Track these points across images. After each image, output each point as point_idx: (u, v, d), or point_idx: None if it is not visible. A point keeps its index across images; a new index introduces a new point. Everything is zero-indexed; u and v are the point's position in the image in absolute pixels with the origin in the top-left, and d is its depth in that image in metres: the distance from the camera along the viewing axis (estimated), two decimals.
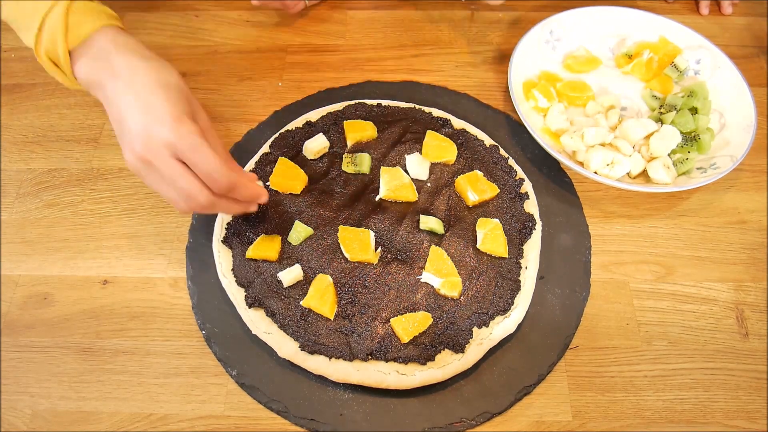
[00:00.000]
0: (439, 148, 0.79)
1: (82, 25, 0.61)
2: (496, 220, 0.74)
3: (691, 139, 0.80)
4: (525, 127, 0.81)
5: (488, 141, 0.82)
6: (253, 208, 0.68)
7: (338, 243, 0.72)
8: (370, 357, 0.65)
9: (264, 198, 0.66)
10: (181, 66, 0.93)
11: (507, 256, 0.72)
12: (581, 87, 0.87)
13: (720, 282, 0.74)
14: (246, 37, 0.97)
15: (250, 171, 0.78)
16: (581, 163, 0.79)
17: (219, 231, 0.74)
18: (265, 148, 0.81)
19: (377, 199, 0.76)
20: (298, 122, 0.83)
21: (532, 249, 0.73)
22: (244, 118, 0.88)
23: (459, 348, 0.65)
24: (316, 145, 0.79)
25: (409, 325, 0.66)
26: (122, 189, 0.81)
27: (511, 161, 0.80)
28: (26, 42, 0.63)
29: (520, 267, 0.71)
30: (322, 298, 0.67)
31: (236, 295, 0.69)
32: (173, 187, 0.58)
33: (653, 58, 0.89)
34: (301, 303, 0.68)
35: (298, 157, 0.80)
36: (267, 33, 0.98)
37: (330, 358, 0.65)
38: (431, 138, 0.80)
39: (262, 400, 0.65)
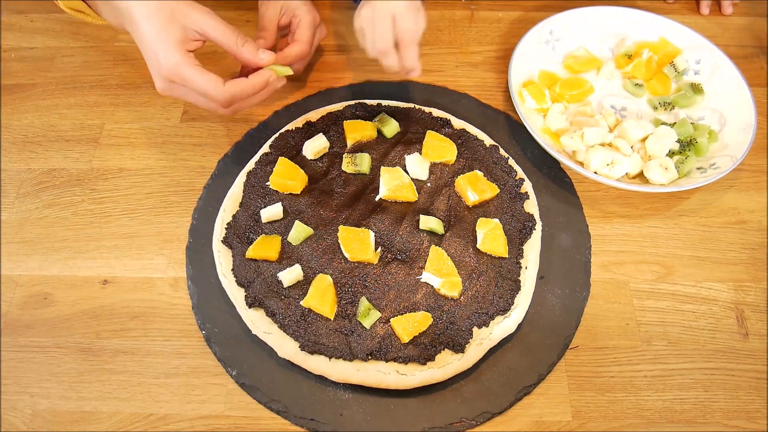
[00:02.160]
0: (439, 148, 0.79)
1: None
2: (496, 220, 0.74)
3: (688, 143, 0.80)
4: (525, 127, 0.81)
5: (488, 141, 0.82)
6: (281, 83, 0.73)
7: (338, 243, 0.72)
8: (370, 357, 0.65)
9: (275, 81, 0.71)
10: None
11: (507, 256, 0.72)
12: (578, 83, 0.87)
13: (720, 282, 0.74)
14: None
15: (249, 171, 0.78)
16: (581, 163, 0.79)
17: (219, 231, 0.74)
18: (265, 148, 0.81)
19: (377, 199, 0.76)
20: (298, 122, 0.83)
21: (532, 249, 0.73)
22: (244, 118, 0.88)
23: (459, 348, 0.65)
24: (316, 145, 0.79)
25: (409, 325, 0.66)
26: (122, 189, 0.81)
27: (511, 161, 0.80)
28: None
29: (520, 267, 0.71)
30: (322, 298, 0.67)
31: (236, 295, 0.69)
32: (199, 96, 0.68)
33: (653, 57, 0.89)
34: (301, 303, 0.68)
35: (298, 157, 0.80)
36: None
37: (330, 358, 0.65)
38: (431, 138, 0.80)
39: (262, 400, 0.65)
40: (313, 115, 0.84)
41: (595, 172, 0.77)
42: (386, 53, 0.74)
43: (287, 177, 0.76)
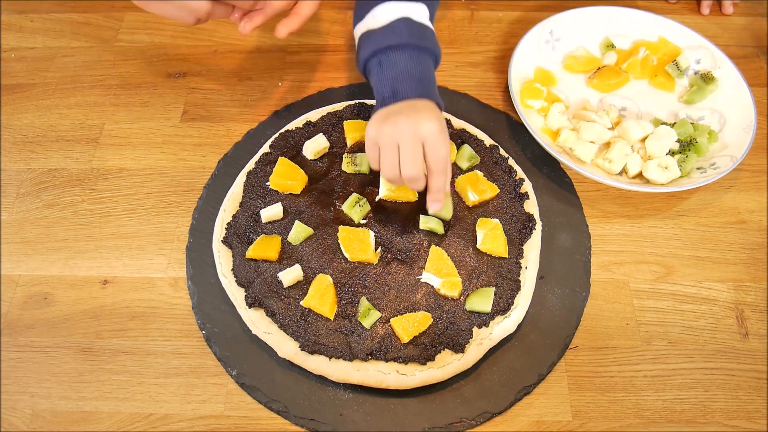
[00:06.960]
0: None
1: None
2: (496, 220, 0.74)
3: (688, 143, 0.80)
4: (525, 127, 0.81)
5: (488, 141, 0.82)
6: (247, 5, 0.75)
7: (338, 243, 0.72)
8: (370, 357, 0.65)
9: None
10: (181, 66, 0.93)
11: (507, 256, 0.72)
12: (616, 72, 0.89)
13: (720, 282, 0.74)
14: (246, 37, 0.97)
15: (249, 171, 0.78)
16: (581, 163, 0.79)
17: (219, 231, 0.74)
18: (265, 148, 0.81)
19: (377, 199, 0.76)
20: (298, 122, 0.83)
21: (532, 249, 0.73)
22: (244, 118, 0.88)
23: (459, 348, 0.65)
24: (316, 145, 0.79)
25: (409, 325, 0.66)
26: (122, 189, 0.81)
27: (511, 161, 0.80)
28: None
29: (520, 267, 0.71)
30: (322, 298, 0.67)
31: (236, 295, 0.69)
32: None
33: (649, 56, 0.89)
34: (301, 303, 0.68)
35: (298, 157, 0.80)
36: (267, 33, 0.98)
37: (330, 358, 0.65)
38: None
39: (262, 400, 0.65)
40: (313, 115, 0.84)
41: (592, 162, 0.76)
42: (417, 179, 0.67)
43: (287, 177, 0.76)
